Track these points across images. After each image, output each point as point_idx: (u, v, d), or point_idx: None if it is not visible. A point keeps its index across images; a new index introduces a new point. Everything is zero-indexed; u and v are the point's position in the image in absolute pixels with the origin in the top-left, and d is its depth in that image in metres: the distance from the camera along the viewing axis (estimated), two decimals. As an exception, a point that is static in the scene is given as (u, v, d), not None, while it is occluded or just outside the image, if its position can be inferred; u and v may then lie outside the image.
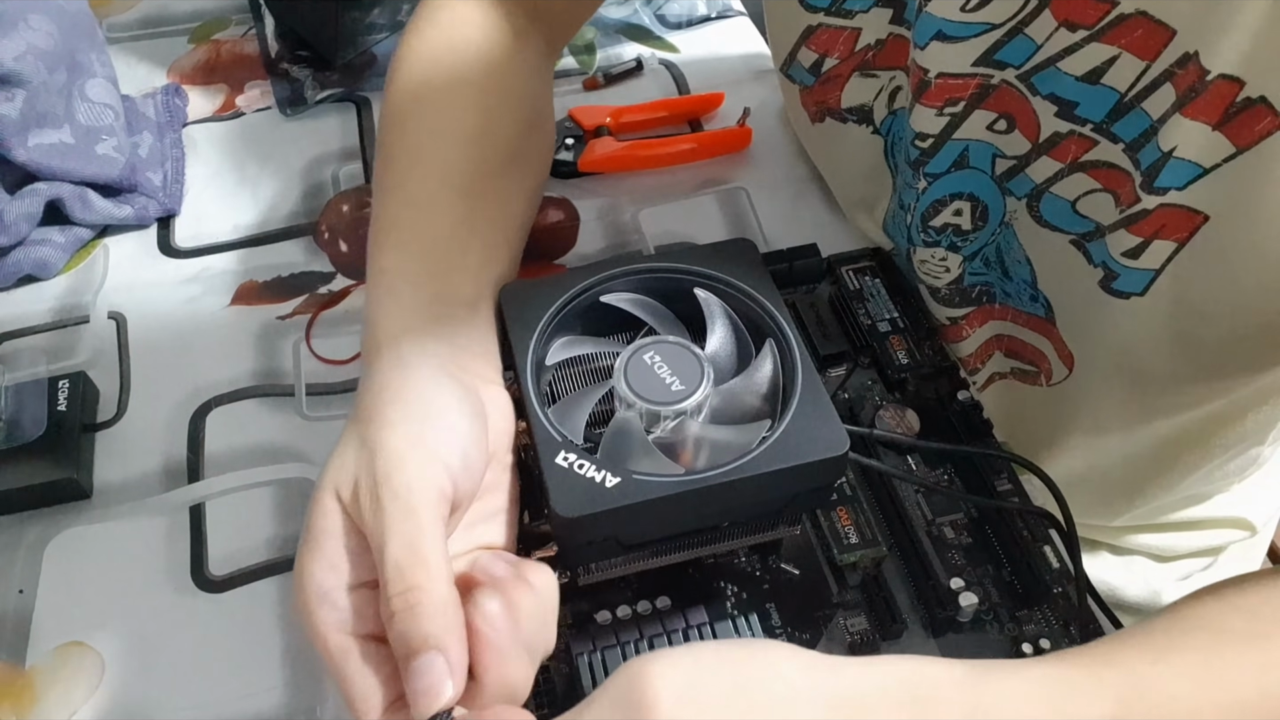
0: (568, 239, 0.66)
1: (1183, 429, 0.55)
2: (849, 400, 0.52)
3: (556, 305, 0.45)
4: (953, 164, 0.50)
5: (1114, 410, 0.55)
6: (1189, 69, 0.39)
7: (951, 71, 0.46)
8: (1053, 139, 0.45)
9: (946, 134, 0.49)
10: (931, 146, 0.50)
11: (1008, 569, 0.46)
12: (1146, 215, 0.43)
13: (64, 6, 0.61)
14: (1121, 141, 0.43)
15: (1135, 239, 0.44)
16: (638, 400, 0.41)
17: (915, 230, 0.54)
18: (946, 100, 0.47)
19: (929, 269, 0.56)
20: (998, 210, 0.51)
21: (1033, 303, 0.53)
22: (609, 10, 0.82)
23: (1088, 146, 0.44)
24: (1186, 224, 0.42)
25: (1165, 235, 0.43)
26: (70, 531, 0.52)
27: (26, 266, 0.61)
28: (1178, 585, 0.70)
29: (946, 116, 0.48)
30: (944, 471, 0.50)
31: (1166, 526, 0.68)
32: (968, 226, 0.53)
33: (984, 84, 0.46)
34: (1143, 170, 0.42)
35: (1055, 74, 0.43)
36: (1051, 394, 0.57)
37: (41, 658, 0.48)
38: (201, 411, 0.56)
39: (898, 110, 0.56)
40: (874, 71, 0.55)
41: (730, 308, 0.45)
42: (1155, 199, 0.42)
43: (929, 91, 0.47)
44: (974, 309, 0.57)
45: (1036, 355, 0.56)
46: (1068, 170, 0.46)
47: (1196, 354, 0.48)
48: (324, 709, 0.46)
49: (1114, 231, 0.45)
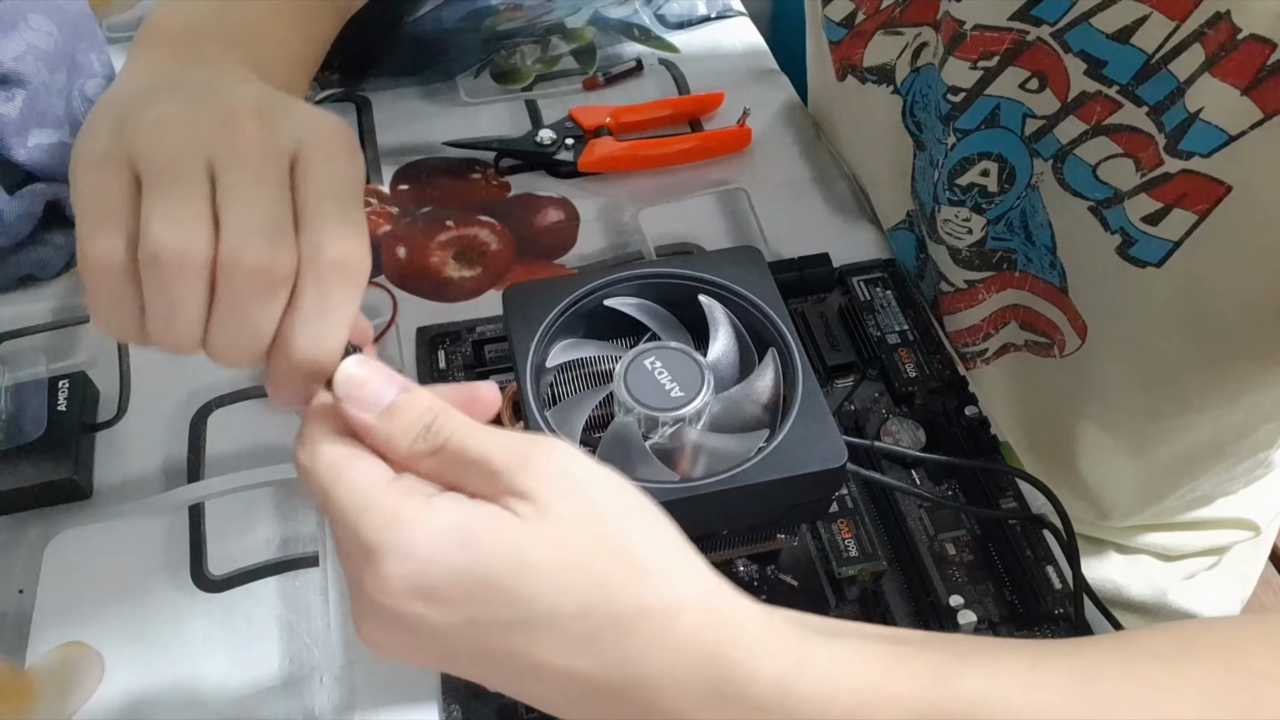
0: (568, 239, 0.66)
1: (1194, 438, 0.55)
2: (855, 412, 0.52)
3: (559, 307, 0.45)
4: (983, 121, 0.50)
5: (1123, 397, 0.55)
6: (1219, 28, 0.38)
7: (988, 24, 0.46)
8: (1080, 98, 0.45)
9: (979, 88, 0.49)
10: (963, 101, 0.50)
11: (1009, 588, 0.46)
12: (1169, 179, 0.43)
13: (64, 6, 0.61)
14: (1146, 105, 0.43)
15: (1156, 204, 0.44)
16: (636, 405, 0.41)
17: (941, 188, 0.54)
18: (981, 54, 0.47)
19: (951, 229, 0.55)
20: (1025, 172, 0.51)
21: (1050, 270, 0.53)
22: (609, 10, 0.82)
23: (1111, 109, 0.44)
24: (1209, 194, 0.42)
25: (1186, 205, 0.43)
26: (70, 531, 0.52)
27: (26, 266, 0.61)
28: (1182, 584, 0.70)
29: (980, 70, 0.48)
30: (948, 487, 0.50)
31: (1173, 526, 0.68)
32: (994, 188, 0.53)
33: (1019, 40, 0.46)
34: (1167, 133, 0.42)
35: (1087, 30, 0.43)
36: (1064, 366, 0.57)
37: (41, 658, 0.48)
38: (203, 413, 0.56)
39: (921, 68, 0.56)
40: (899, 29, 0.55)
41: (734, 315, 0.45)
42: (1179, 163, 0.42)
43: (964, 44, 0.47)
44: (993, 274, 0.57)
45: (1050, 326, 0.56)
46: (1091, 133, 0.46)
47: (1207, 338, 0.48)
48: (323, 709, 0.46)
49: (1134, 196, 0.45)
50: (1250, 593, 0.75)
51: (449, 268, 0.64)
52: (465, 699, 0.44)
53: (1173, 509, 0.66)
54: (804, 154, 0.72)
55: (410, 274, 0.64)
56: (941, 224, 0.56)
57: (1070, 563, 0.46)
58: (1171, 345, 0.49)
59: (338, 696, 0.46)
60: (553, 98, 0.76)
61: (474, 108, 0.75)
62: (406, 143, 0.72)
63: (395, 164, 0.71)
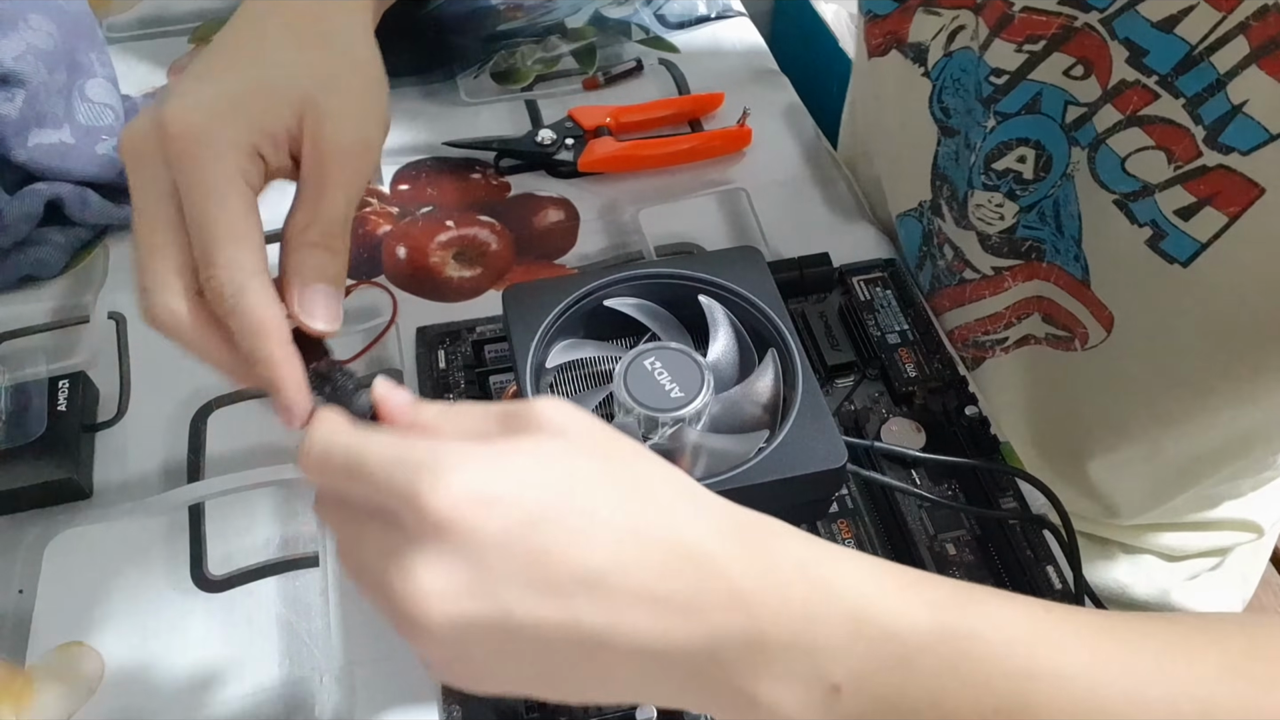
0: (568, 239, 0.66)
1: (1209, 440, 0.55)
2: (855, 412, 0.52)
3: (560, 308, 0.45)
4: (1024, 107, 0.50)
5: (1141, 394, 0.54)
6: (1267, 20, 0.38)
7: (1037, 6, 0.46)
8: (1119, 86, 0.45)
9: (1023, 72, 0.49)
10: (1006, 84, 0.50)
11: (1009, 588, 0.46)
12: (1205, 173, 0.43)
13: (64, 6, 0.61)
14: (1184, 96, 0.43)
15: (1190, 197, 0.44)
16: (636, 406, 0.41)
17: (976, 171, 0.54)
18: (1027, 36, 0.47)
19: (984, 214, 0.55)
20: (1061, 160, 0.51)
21: (1074, 262, 0.53)
22: (609, 10, 0.82)
23: (1148, 100, 0.44)
24: (1242, 195, 0.42)
25: (1219, 205, 0.43)
26: (70, 531, 0.52)
27: (26, 266, 0.61)
28: (1185, 585, 0.70)
29: (1025, 54, 0.48)
30: (948, 487, 0.50)
31: (1178, 526, 0.68)
32: (1029, 175, 0.52)
33: (1067, 25, 0.46)
34: (1207, 125, 0.42)
35: (1133, 17, 0.43)
36: (1082, 361, 0.57)
37: (41, 658, 0.48)
38: (203, 413, 0.56)
39: (955, 52, 0.55)
40: (938, 9, 0.55)
41: (734, 316, 0.45)
42: (1219, 156, 0.42)
43: (1011, 26, 0.47)
44: (1021, 263, 0.56)
45: (1070, 320, 0.56)
46: (1125, 123, 0.46)
47: (1231, 342, 0.47)
48: (323, 709, 0.46)
49: (1168, 188, 0.45)
50: (1251, 593, 0.75)
51: (449, 268, 0.64)
52: (465, 699, 0.44)
53: (1180, 509, 0.66)
54: (804, 154, 0.72)
55: (410, 274, 0.64)
56: (973, 209, 0.56)
57: (1071, 563, 0.46)
58: (1194, 346, 0.49)
59: (338, 696, 0.46)
60: (553, 98, 0.76)
61: (474, 108, 0.75)
62: (406, 143, 0.72)
63: (395, 164, 0.71)
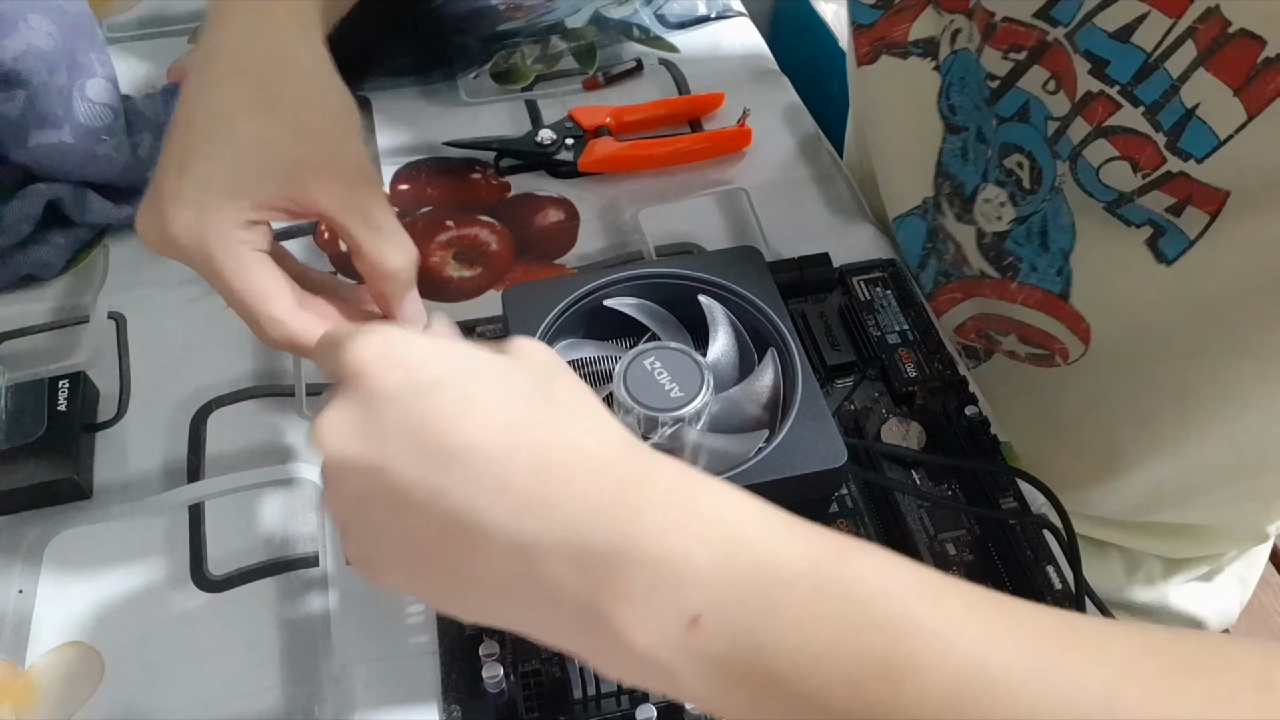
0: (568, 239, 0.66)
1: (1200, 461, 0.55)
2: (855, 412, 0.52)
3: (559, 308, 0.45)
4: (1016, 113, 0.51)
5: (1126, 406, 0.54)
6: (1210, 22, 0.39)
7: (1015, 18, 0.47)
8: (1085, 98, 0.46)
9: (1012, 79, 0.50)
10: (999, 87, 0.51)
11: (1009, 589, 0.46)
12: (1173, 178, 0.43)
13: (64, 6, 0.61)
14: (1143, 104, 0.43)
15: (1170, 198, 0.44)
16: (636, 406, 0.41)
17: (992, 164, 0.54)
18: (1011, 45, 0.49)
19: (987, 210, 0.56)
20: (1050, 174, 0.51)
21: (1055, 278, 0.54)
22: (609, 10, 0.82)
23: (1112, 110, 0.45)
24: (1212, 199, 0.43)
25: (1197, 205, 0.44)
26: (70, 531, 0.52)
27: (26, 266, 0.61)
28: (1183, 587, 0.70)
29: (1011, 61, 0.49)
30: (948, 487, 0.50)
31: (1177, 530, 0.68)
32: (1026, 184, 0.53)
33: (1041, 40, 0.47)
34: (1165, 130, 0.43)
35: (1092, 29, 0.44)
36: (1067, 375, 0.57)
37: (41, 658, 0.48)
38: (203, 413, 0.56)
39: (959, 51, 0.56)
40: (939, 10, 0.56)
41: (734, 315, 0.45)
42: (1179, 162, 0.43)
43: (996, 34, 0.49)
44: (995, 279, 0.57)
45: (1046, 339, 0.56)
46: (1094, 134, 0.46)
47: (1210, 347, 0.48)
48: (323, 709, 0.46)
49: (1147, 194, 0.45)
50: (1249, 596, 0.75)
51: (449, 268, 0.64)
52: (465, 699, 0.44)
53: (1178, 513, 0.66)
54: (804, 154, 0.72)
55: (410, 274, 0.64)
56: (981, 203, 0.56)
57: (1071, 564, 0.46)
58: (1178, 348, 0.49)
59: (338, 696, 0.46)
60: (553, 98, 0.76)
61: (474, 108, 0.75)
62: (406, 143, 0.72)
63: (395, 164, 0.71)
